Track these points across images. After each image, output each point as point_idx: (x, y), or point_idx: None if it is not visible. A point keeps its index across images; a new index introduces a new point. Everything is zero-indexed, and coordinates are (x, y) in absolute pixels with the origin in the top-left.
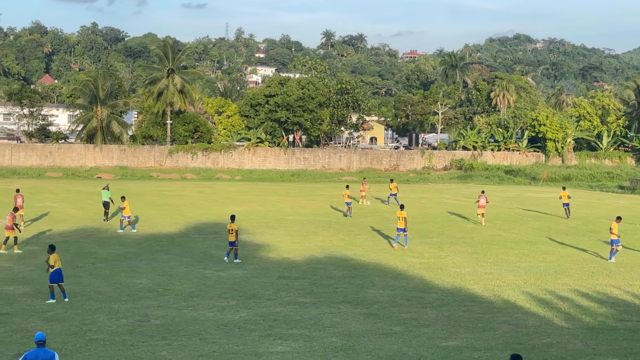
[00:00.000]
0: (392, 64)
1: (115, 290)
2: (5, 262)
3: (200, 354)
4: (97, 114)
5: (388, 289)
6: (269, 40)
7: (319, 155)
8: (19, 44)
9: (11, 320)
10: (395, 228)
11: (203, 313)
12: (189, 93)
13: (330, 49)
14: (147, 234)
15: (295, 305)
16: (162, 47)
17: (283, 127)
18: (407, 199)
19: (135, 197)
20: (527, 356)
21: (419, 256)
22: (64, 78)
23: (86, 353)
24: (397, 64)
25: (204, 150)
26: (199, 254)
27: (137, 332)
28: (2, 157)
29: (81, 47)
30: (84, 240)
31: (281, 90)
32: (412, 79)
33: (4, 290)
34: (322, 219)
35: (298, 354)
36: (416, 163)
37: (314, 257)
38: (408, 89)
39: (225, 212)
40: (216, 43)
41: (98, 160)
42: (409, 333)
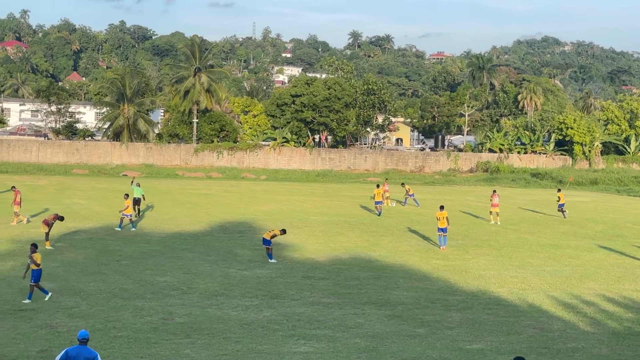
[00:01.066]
0: (419, 65)
1: (139, 288)
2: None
3: (224, 353)
4: (123, 111)
5: (412, 290)
6: (296, 40)
7: (345, 155)
8: (48, 42)
9: (36, 316)
10: (423, 230)
11: (227, 312)
12: (215, 92)
13: (357, 49)
14: (172, 232)
15: (319, 306)
16: (189, 46)
17: (309, 127)
18: (433, 201)
19: (161, 195)
20: None
21: (444, 258)
22: (91, 76)
23: (110, 350)
24: (424, 65)
25: (230, 149)
26: (224, 252)
27: (161, 330)
28: (29, 153)
29: (109, 45)
30: (109, 238)
31: (307, 90)
32: (439, 80)
33: (29, 286)
34: (347, 220)
35: (321, 354)
36: (442, 165)
37: (338, 257)
38: (435, 90)
39: (250, 212)
40: (243, 42)
41: (124, 157)
42: (433, 335)
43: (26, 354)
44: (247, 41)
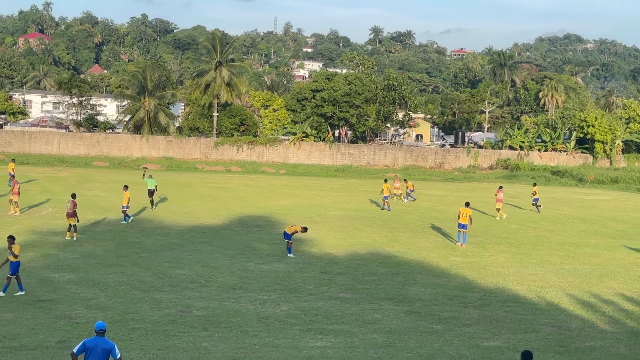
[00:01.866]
0: (440, 61)
1: (158, 281)
2: (51, 249)
3: (241, 346)
4: (144, 104)
5: (430, 287)
6: (317, 35)
7: (364, 151)
8: (70, 34)
9: (55, 307)
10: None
11: (244, 306)
12: (236, 86)
13: (378, 45)
14: (190, 225)
15: (337, 301)
16: (211, 40)
17: (329, 122)
18: (452, 197)
19: (181, 189)
20: (570, 359)
21: (462, 255)
22: (113, 68)
23: (128, 342)
24: (445, 62)
25: (250, 144)
26: (242, 246)
27: (179, 322)
28: (50, 145)
29: (131, 38)
30: (129, 230)
31: (328, 85)
32: (459, 76)
33: (49, 277)
34: (365, 215)
35: (338, 349)
36: (462, 161)
37: (356, 253)
38: (455, 86)
39: (269, 206)
40: (264, 37)
41: (144, 150)
42: (450, 332)
43: (45, 345)
44: (268, 35)
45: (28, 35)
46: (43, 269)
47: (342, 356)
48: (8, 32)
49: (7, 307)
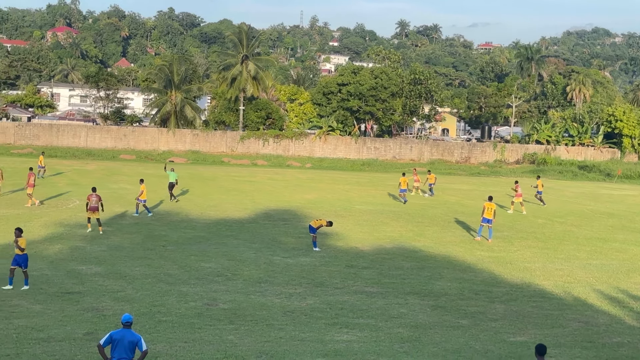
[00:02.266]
0: (467, 55)
1: (184, 274)
2: (78, 241)
3: (267, 339)
4: (171, 98)
5: (456, 281)
6: (343, 29)
7: (390, 145)
8: (97, 28)
9: (83, 299)
10: (468, 220)
11: (270, 299)
12: (262, 80)
13: (405, 38)
14: (217, 219)
15: (363, 295)
16: (237, 34)
17: (355, 116)
18: (478, 192)
19: (207, 182)
20: (597, 355)
21: (488, 250)
22: (139, 62)
23: (155, 334)
24: (471, 56)
25: (276, 137)
26: (268, 240)
27: (205, 315)
28: (78, 138)
29: (157, 32)
30: (155, 223)
31: (354, 79)
32: (486, 70)
33: (76, 269)
34: (391, 209)
35: (364, 343)
36: (488, 156)
37: (382, 247)
38: (482, 80)
39: (295, 200)
40: (290, 30)
41: (171, 144)
42: (476, 327)
43: (73, 336)
44: (294, 29)
45: (56, 29)
46: (71, 261)
47: (368, 350)
48: (36, 26)
49: (35, 299)
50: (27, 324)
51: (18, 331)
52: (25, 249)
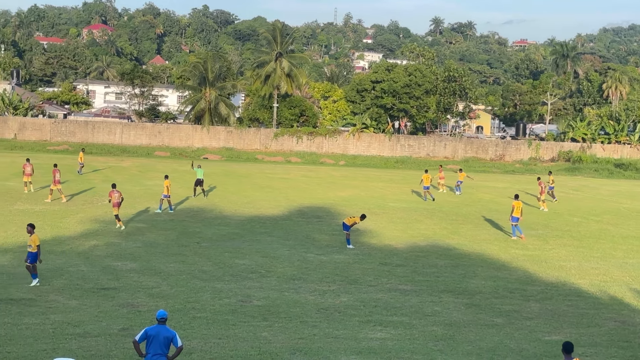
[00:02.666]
0: (501, 52)
1: (218, 270)
2: (114, 237)
3: (301, 336)
4: (205, 95)
5: (490, 279)
6: (377, 26)
7: (424, 142)
8: (133, 25)
9: (118, 295)
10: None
11: (304, 296)
12: (296, 77)
13: (439, 36)
14: (250, 216)
15: (396, 292)
16: (271, 31)
17: (388, 114)
18: (512, 190)
19: (240, 179)
20: (634, 354)
21: (523, 248)
22: (174, 59)
23: (189, 330)
24: (506, 53)
25: (309, 135)
26: (302, 237)
27: (239, 312)
28: (113, 135)
29: (192, 29)
30: (189, 220)
31: (388, 76)
32: (521, 68)
33: (112, 265)
34: (425, 207)
35: (398, 341)
36: (523, 153)
37: (416, 244)
38: (517, 78)
39: (328, 197)
40: (324, 28)
41: (205, 141)
42: (511, 325)
43: (108, 332)
44: (328, 26)
45: (92, 26)
46: (106, 257)
47: (402, 348)
48: (72, 24)
49: (71, 294)
50: (64, 319)
51: (54, 326)
52: (34, 246)
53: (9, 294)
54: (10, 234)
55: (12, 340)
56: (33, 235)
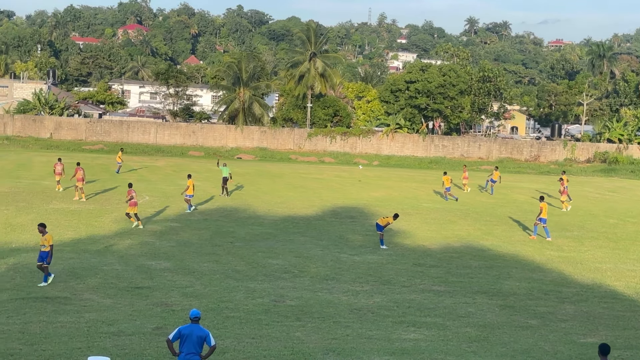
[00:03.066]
0: (537, 52)
1: (252, 270)
2: (148, 237)
3: (334, 337)
4: (239, 95)
5: (525, 281)
6: (412, 26)
7: (458, 143)
8: (167, 25)
9: (152, 294)
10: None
11: (337, 296)
12: (329, 77)
13: (474, 36)
14: (284, 216)
15: (430, 293)
16: (305, 31)
17: (422, 114)
18: (548, 191)
19: (274, 179)
20: None
21: (558, 249)
22: (208, 59)
23: (223, 330)
24: (541, 53)
25: (343, 135)
26: (335, 237)
27: (273, 312)
28: (147, 134)
29: (226, 29)
30: (223, 219)
31: (422, 76)
32: (557, 68)
33: (146, 264)
34: (459, 208)
35: (431, 342)
36: (558, 154)
37: (449, 245)
38: (552, 78)
39: (362, 197)
40: (358, 28)
41: (239, 140)
42: (546, 327)
43: (142, 331)
44: (362, 27)
45: (127, 26)
46: (140, 256)
47: (436, 349)
48: (108, 24)
49: (106, 293)
50: (98, 317)
51: (89, 325)
52: (47, 246)
53: (44, 292)
54: None
55: (48, 338)
56: (47, 234)
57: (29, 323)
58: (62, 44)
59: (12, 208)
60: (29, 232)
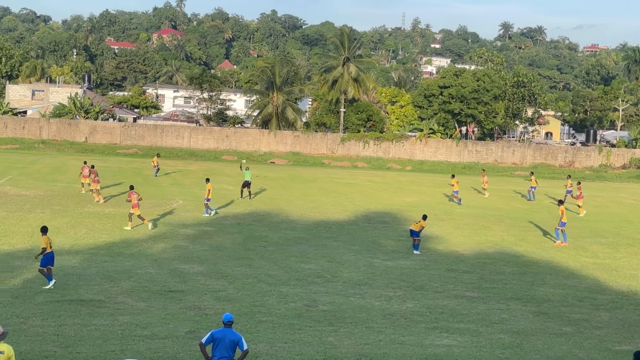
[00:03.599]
0: (572, 57)
1: (284, 274)
2: (181, 241)
3: (366, 342)
4: (273, 100)
5: (559, 287)
6: (445, 31)
7: (492, 148)
8: (202, 30)
9: (185, 297)
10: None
11: (370, 301)
12: (363, 82)
13: (508, 41)
14: (317, 220)
15: (463, 299)
16: (339, 36)
17: (456, 119)
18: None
19: (307, 184)
20: None
21: (593, 256)
22: (242, 64)
23: (255, 334)
24: (576, 58)
25: (376, 140)
26: (368, 242)
27: (305, 316)
28: (181, 139)
29: (260, 34)
30: (256, 224)
31: (456, 81)
32: (592, 73)
33: (179, 268)
34: (492, 213)
35: (464, 348)
36: (593, 160)
37: (483, 251)
38: (587, 83)
39: (395, 202)
40: (392, 32)
41: (272, 145)
42: (580, 334)
43: (175, 334)
44: (396, 31)
45: (161, 31)
46: (174, 260)
47: (469, 355)
48: (143, 29)
49: (139, 296)
50: (132, 320)
51: (123, 328)
52: (46, 248)
53: (79, 295)
54: (80, 236)
55: (82, 341)
56: (44, 237)
57: (64, 326)
58: (98, 48)
59: (48, 211)
60: (64, 235)
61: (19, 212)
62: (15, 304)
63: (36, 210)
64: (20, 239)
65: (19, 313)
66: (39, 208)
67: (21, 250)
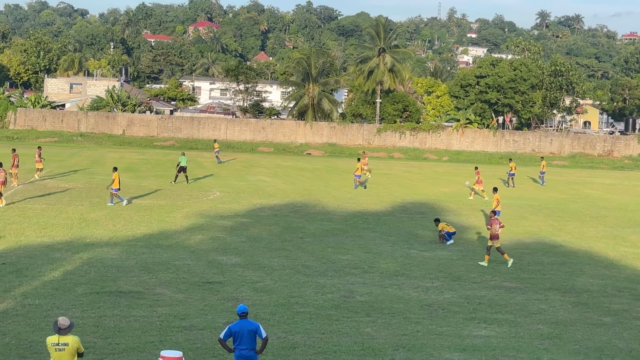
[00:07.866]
0: (610, 45)
1: (321, 265)
2: (219, 232)
3: (404, 333)
4: (308, 91)
5: (598, 278)
6: (482, 20)
7: (529, 138)
8: (237, 22)
9: (223, 289)
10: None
11: (407, 292)
12: (399, 72)
13: (545, 29)
14: (353, 211)
15: (501, 290)
16: (374, 26)
17: (493, 109)
18: (621, 186)
19: (343, 175)
20: None
21: (633, 246)
22: (278, 55)
23: (293, 325)
24: (615, 46)
25: (412, 130)
26: (405, 233)
27: (342, 307)
28: (218, 131)
29: (295, 26)
30: (293, 215)
31: (492, 71)
32: (631, 61)
33: (217, 259)
34: (530, 203)
35: (502, 339)
36: (632, 149)
37: (521, 241)
38: (626, 72)
39: (431, 193)
40: (428, 22)
41: (308, 136)
42: (620, 325)
43: (213, 325)
44: (431, 21)
45: (198, 23)
46: (211, 251)
47: (507, 346)
48: (179, 21)
49: (178, 288)
50: (170, 312)
51: (161, 319)
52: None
53: (118, 286)
54: (119, 228)
55: (121, 332)
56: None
57: (103, 317)
58: (134, 41)
59: (87, 203)
60: (103, 227)
61: (58, 205)
62: (55, 295)
63: (75, 203)
64: (60, 231)
65: (59, 304)
66: (77, 200)
67: (61, 242)
